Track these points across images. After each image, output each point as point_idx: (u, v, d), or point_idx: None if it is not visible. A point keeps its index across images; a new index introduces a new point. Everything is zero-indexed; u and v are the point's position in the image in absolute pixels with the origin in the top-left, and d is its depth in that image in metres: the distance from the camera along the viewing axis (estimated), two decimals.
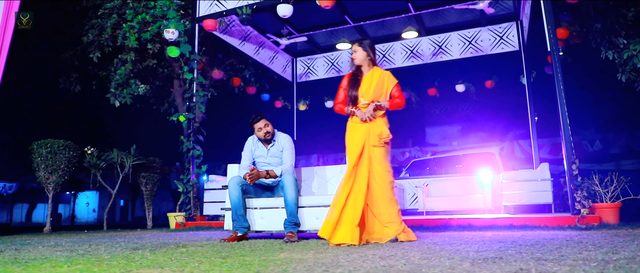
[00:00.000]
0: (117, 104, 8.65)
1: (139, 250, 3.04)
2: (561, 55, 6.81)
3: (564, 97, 5.12)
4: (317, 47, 9.98)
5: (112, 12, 8.45)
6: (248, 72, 10.31)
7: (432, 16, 8.60)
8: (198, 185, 7.20)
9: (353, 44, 3.64)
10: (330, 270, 1.88)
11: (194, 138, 6.98)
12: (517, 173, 7.07)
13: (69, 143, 7.15)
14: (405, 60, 9.41)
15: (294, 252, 2.71)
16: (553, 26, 5.32)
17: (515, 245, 2.79)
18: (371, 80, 3.57)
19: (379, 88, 3.56)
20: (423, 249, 2.70)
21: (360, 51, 3.59)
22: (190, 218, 6.85)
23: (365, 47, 3.58)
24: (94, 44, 8.78)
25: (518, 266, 1.86)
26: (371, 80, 3.57)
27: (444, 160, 10.77)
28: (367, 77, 3.59)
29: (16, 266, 2.22)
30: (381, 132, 3.48)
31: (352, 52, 3.63)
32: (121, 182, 7.95)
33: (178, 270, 1.96)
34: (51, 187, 7.05)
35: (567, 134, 5.09)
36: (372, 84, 3.56)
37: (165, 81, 10.37)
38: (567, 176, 5.09)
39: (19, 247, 3.54)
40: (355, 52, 3.61)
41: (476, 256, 2.25)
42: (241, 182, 4.01)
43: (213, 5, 7.28)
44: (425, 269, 1.84)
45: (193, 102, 7.07)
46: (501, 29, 8.63)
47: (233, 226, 3.97)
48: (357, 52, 3.60)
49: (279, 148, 4.24)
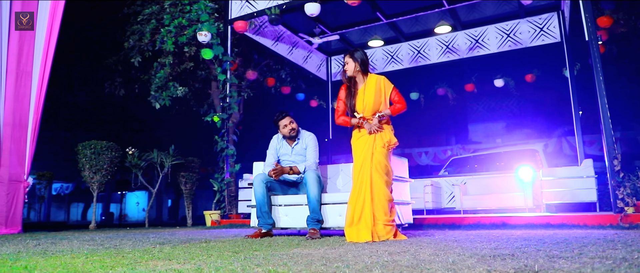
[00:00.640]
0: (157, 106, 8.96)
1: (162, 245, 3.13)
2: (603, 44, 6.47)
3: (603, 89, 4.85)
4: (351, 46, 9.93)
5: (151, 18, 8.75)
6: (284, 72, 10.41)
7: (467, 9, 8.37)
8: (234, 184, 7.35)
9: (345, 55, 3.67)
10: (328, 264, 1.87)
11: (228, 138, 7.12)
12: (559, 170, 6.76)
13: (111, 144, 7.47)
14: (441, 56, 9.20)
15: (305, 248, 2.72)
16: (591, 14, 5.06)
17: (539, 243, 2.67)
18: (366, 89, 3.60)
19: (378, 95, 3.58)
20: (438, 246, 2.64)
21: (351, 62, 3.62)
22: (226, 217, 6.99)
23: (356, 59, 3.60)
24: (134, 49, 9.14)
25: (524, 262, 1.79)
26: (366, 90, 3.60)
27: (484, 157, 10.44)
28: (362, 88, 3.63)
29: (40, 257, 2.35)
30: (389, 140, 3.52)
31: (344, 64, 3.66)
32: (167, 182, 8.23)
33: (184, 262, 2.01)
34: (95, 186, 7.40)
35: (608, 128, 4.81)
36: (368, 93, 3.59)
37: (203, 83, 10.64)
38: (609, 172, 4.83)
39: (56, 241, 3.74)
40: (346, 63, 3.65)
41: (488, 253, 2.17)
42: (266, 179, 4.06)
43: (244, 7, 7.41)
44: (427, 265, 1.80)
45: (227, 102, 7.22)
46: (541, 20, 8.27)
47: (258, 223, 4.03)
48: (348, 63, 3.64)
49: (303, 146, 4.27)
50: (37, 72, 6.27)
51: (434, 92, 10.55)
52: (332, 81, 10.35)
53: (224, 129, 7.13)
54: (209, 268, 1.78)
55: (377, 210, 3.31)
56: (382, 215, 3.31)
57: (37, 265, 2.00)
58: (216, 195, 7.16)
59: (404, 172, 4.33)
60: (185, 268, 1.78)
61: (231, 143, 7.13)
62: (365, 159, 3.44)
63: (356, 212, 3.33)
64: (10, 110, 6.07)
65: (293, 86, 10.49)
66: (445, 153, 18.30)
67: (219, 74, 7.27)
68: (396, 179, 3.90)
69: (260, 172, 4.18)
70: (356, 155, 3.56)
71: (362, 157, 3.48)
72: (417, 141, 18.62)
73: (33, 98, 6.26)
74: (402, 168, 4.31)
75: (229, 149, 7.02)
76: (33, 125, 6.24)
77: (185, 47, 8.41)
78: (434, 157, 17.66)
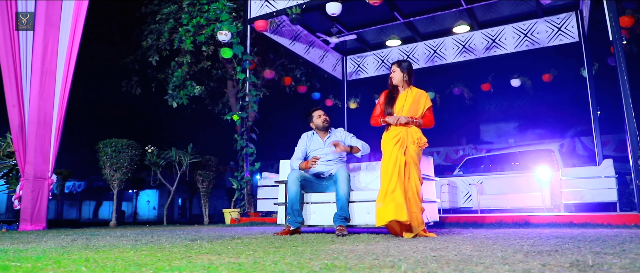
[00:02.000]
0: (174, 104, 9.05)
1: (196, 241, 3.19)
2: (625, 44, 6.45)
3: (628, 89, 4.84)
4: (367, 45, 9.97)
5: (169, 17, 8.84)
6: (299, 72, 10.47)
7: (484, 9, 8.37)
8: (252, 182, 7.40)
9: (393, 64, 3.77)
10: (380, 258, 1.91)
11: (247, 136, 7.18)
12: (578, 170, 6.75)
13: (131, 142, 7.56)
14: (457, 56, 9.21)
15: (344, 244, 2.76)
16: (615, 14, 5.05)
17: (574, 241, 2.69)
18: (406, 99, 3.69)
19: (415, 107, 3.67)
20: (475, 243, 2.67)
21: (398, 72, 3.72)
22: (245, 215, 7.05)
23: (403, 70, 3.71)
24: (152, 48, 9.23)
25: (574, 257, 1.81)
26: (406, 99, 3.69)
27: (499, 157, 10.43)
28: (402, 96, 3.72)
29: (89, 251, 2.40)
30: (420, 138, 3.61)
31: (391, 72, 3.76)
32: (179, 180, 8.31)
33: (234, 257, 2.05)
34: (116, 184, 7.48)
35: (633, 127, 4.81)
36: (407, 102, 3.68)
37: (218, 82, 10.73)
38: (633, 172, 4.82)
39: (89, 236, 3.81)
40: (393, 72, 3.75)
41: (531, 249, 2.20)
42: (301, 177, 4.06)
43: (264, 6, 7.46)
44: (476, 259, 1.83)
45: (246, 101, 7.28)
46: (559, 19, 8.25)
47: (286, 220, 4.06)
48: (395, 72, 3.73)
49: (335, 138, 4.32)
50: (61, 70, 6.36)
51: (450, 91, 10.55)
52: (347, 81, 10.38)
53: (243, 128, 7.19)
54: (265, 261, 1.83)
55: (410, 190, 3.38)
56: (414, 196, 3.38)
57: (91, 258, 2.05)
58: (235, 193, 7.22)
59: (429, 171, 4.35)
60: (244, 262, 1.82)
61: (250, 142, 7.17)
62: (399, 151, 3.49)
63: (390, 186, 3.37)
64: (35, 108, 6.16)
65: (308, 85, 10.54)
66: (457, 154, 18.28)
67: (238, 72, 7.33)
68: (423, 177, 3.92)
69: (294, 170, 4.16)
70: (387, 149, 3.59)
71: (396, 149, 3.52)
72: (428, 141, 18.62)
73: (57, 96, 6.35)
74: (428, 166, 4.33)
75: (249, 148, 7.07)
76: (57, 123, 6.33)
77: (203, 46, 8.49)
78: (445, 157, 17.65)
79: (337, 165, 4.28)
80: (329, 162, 4.28)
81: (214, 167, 9.06)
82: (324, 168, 4.27)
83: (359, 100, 10.39)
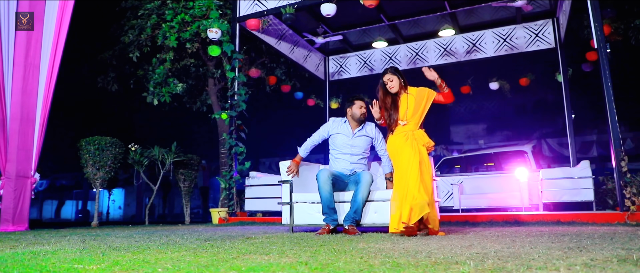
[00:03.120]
0: (155, 102, 8.85)
1: (210, 241, 3.16)
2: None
3: (611, 95, 5.12)
4: (350, 46, 10.07)
5: (152, 13, 8.65)
6: (280, 71, 10.45)
7: (466, 14, 8.62)
8: (236, 181, 7.34)
9: (388, 72, 3.78)
10: (432, 256, 1.97)
11: (237, 135, 7.13)
12: (557, 170, 7.06)
13: (115, 140, 7.37)
14: (439, 59, 9.43)
15: (370, 242, 2.81)
16: (600, 22, 5.33)
17: (588, 238, 2.84)
18: (408, 100, 3.75)
19: (419, 101, 3.73)
20: (492, 240, 2.77)
21: (396, 80, 3.75)
22: (233, 214, 7.00)
23: (400, 76, 3.77)
24: (133, 44, 9.01)
25: (614, 253, 1.93)
26: (408, 101, 3.75)
27: (475, 158, 10.76)
28: (403, 98, 3.77)
29: (112, 251, 2.36)
30: (428, 142, 3.69)
31: (388, 81, 3.77)
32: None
33: (280, 256, 2.07)
34: (98, 183, 7.28)
35: (616, 131, 5.09)
36: (410, 103, 3.74)
37: (198, 80, 10.57)
38: (616, 173, 5.10)
39: (87, 238, 3.71)
40: (391, 80, 3.76)
41: (555, 246, 2.32)
42: (331, 176, 4.04)
43: (254, 5, 7.43)
44: (524, 255, 1.92)
45: (235, 100, 7.23)
46: (537, 26, 8.60)
47: (324, 219, 4.01)
48: (393, 81, 3.76)
49: (366, 134, 4.31)
50: (45, 65, 6.15)
51: None
52: (329, 81, 10.45)
53: (232, 127, 7.14)
54: (314, 262, 1.86)
55: (427, 187, 3.46)
56: (430, 195, 3.46)
57: (119, 261, 2.02)
58: (223, 192, 7.16)
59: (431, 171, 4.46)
60: (296, 262, 1.85)
61: (240, 141, 7.13)
62: (412, 151, 3.56)
63: (412, 188, 3.43)
64: (17, 103, 5.93)
65: (291, 85, 10.54)
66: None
67: (227, 71, 7.26)
68: None
69: (322, 170, 4.07)
70: (399, 152, 3.65)
71: (408, 149, 3.58)
72: None
73: (41, 92, 6.14)
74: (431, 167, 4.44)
75: (238, 147, 7.02)
76: (41, 119, 6.12)
77: (187, 43, 8.36)
78: None
79: (361, 164, 4.28)
80: (353, 156, 4.26)
81: (196, 166, 8.95)
82: (348, 165, 4.26)
83: (340, 100, 10.47)
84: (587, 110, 13.22)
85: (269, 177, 7.35)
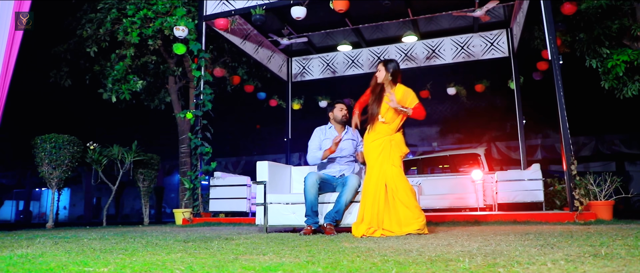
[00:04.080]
0: (113, 99, 8.58)
1: (191, 242, 3.17)
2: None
3: (564, 104, 5.50)
4: (313, 48, 10.18)
5: (112, 7, 8.39)
6: (241, 70, 10.39)
7: (426, 21, 8.94)
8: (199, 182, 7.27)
9: (379, 63, 3.94)
10: (423, 254, 2.10)
11: (202, 135, 7.06)
12: (511, 173, 7.48)
13: (72, 138, 7.10)
14: (400, 63, 9.71)
15: (353, 242, 2.92)
16: (554, 36, 5.72)
17: (553, 236, 3.08)
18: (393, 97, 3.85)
19: (402, 102, 3.84)
20: (477, 240, 2.95)
21: (382, 70, 3.90)
22: (197, 215, 6.93)
23: (389, 69, 3.88)
24: (91, 39, 8.70)
25: (582, 249, 2.14)
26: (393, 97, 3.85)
27: (431, 160, 11.15)
28: (387, 96, 3.86)
29: (121, 254, 2.34)
30: (404, 151, 3.85)
31: (377, 71, 3.93)
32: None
33: (281, 257, 2.14)
34: (54, 183, 6.99)
35: (567, 136, 5.47)
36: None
37: (156, 78, 10.31)
38: (566, 176, 5.48)
39: (65, 239, 3.60)
40: (379, 71, 3.92)
41: (530, 243, 2.52)
42: (319, 180, 4.13)
43: (221, 5, 7.38)
44: (517, 253, 2.08)
45: (200, 99, 7.15)
46: (492, 35, 9.06)
47: (306, 221, 4.08)
48: (380, 71, 3.91)
49: (350, 137, 4.47)
50: None
51: None
52: (292, 82, 10.52)
53: (198, 126, 7.06)
54: (319, 261, 1.94)
55: (406, 200, 3.60)
56: (409, 198, 3.60)
57: (128, 265, 2.03)
58: (187, 193, 7.07)
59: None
60: (305, 262, 1.93)
61: (205, 141, 7.06)
62: (380, 170, 3.70)
63: (370, 211, 3.62)
64: None
65: (255, 85, 10.51)
66: None
67: (194, 70, 7.18)
68: None
69: (310, 173, 4.16)
70: (372, 157, 3.79)
71: (379, 160, 3.72)
72: None
73: None
74: None
75: (204, 147, 6.96)
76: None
77: (149, 39, 8.17)
78: None
79: (350, 166, 4.40)
80: (341, 158, 4.40)
81: (156, 165, 8.76)
82: (336, 167, 4.38)
83: (302, 102, 10.56)
84: (533, 116, 14.01)
85: (235, 178, 7.33)
